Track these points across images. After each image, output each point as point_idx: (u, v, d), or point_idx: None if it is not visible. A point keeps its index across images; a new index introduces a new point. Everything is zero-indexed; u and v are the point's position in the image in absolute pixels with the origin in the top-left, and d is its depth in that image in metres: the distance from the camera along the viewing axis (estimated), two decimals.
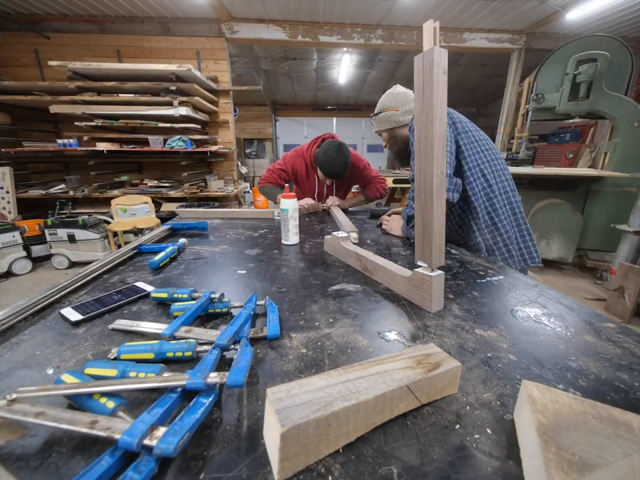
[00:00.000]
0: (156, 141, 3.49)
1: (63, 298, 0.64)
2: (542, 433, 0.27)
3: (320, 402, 0.30)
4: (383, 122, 1.18)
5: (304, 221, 1.42)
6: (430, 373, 0.35)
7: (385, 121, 1.17)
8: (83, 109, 3.25)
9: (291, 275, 0.77)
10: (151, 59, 3.81)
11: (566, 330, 0.53)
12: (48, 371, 0.42)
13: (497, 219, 1.02)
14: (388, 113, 1.15)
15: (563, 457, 0.25)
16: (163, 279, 0.75)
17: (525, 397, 0.32)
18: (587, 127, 4.56)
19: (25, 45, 3.70)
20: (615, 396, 0.38)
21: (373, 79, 6.75)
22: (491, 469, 0.29)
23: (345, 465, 0.30)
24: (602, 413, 0.29)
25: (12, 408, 0.32)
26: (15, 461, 0.30)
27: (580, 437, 0.27)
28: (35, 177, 3.96)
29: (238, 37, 3.97)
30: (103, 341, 0.49)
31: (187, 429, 0.30)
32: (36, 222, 3.24)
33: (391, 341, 0.50)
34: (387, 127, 1.17)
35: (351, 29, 4.08)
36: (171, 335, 0.47)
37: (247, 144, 9.00)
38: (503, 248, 1.03)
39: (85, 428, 0.30)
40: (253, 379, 0.41)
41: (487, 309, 0.61)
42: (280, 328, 0.51)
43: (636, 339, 0.51)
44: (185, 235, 1.14)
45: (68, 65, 3.07)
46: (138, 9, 3.56)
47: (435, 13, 3.78)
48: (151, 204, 3.27)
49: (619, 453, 0.25)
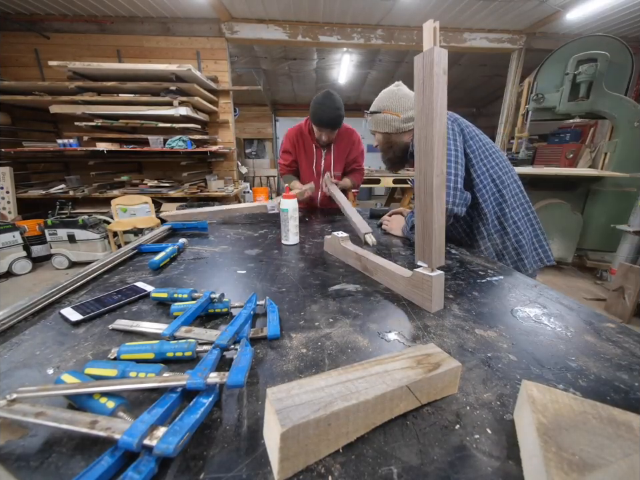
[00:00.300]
0: (156, 141, 3.49)
1: (63, 298, 0.64)
2: (542, 433, 0.27)
3: (320, 402, 0.30)
4: (380, 124, 1.10)
5: (304, 221, 1.42)
6: (430, 373, 0.35)
7: (382, 124, 1.09)
8: (82, 109, 3.25)
9: (290, 275, 0.77)
10: (151, 59, 3.81)
11: (566, 330, 0.53)
12: (48, 371, 0.42)
13: (506, 223, 1.00)
14: (388, 116, 1.06)
15: (563, 457, 0.25)
16: (163, 279, 0.75)
17: (525, 397, 0.32)
18: (586, 127, 4.56)
19: (25, 45, 3.70)
20: (615, 396, 0.38)
21: (373, 78, 6.75)
22: (491, 469, 0.29)
23: (345, 465, 0.30)
24: (602, 413, 0.29)
25: (12, 408, 0.32)
26: (15, 461, 0.30)
27: (580, 437, 0.27)
28: (35, 177, 3.96)
29: (238, 37, 3.97)
30: (103, 341, 0.49)
31: (187, 429, 0.30)
32: (36, 222, 3.24)
33: (391, 341, 0.50)
34: (384, 130, 1.10)
35: (351, 29, 4.08)
36: (171, 335, 0.47)
37: (247, 144, 8.99)
38: (513, 252, 1.02)
39: (85, 428, 0.30)
40: (253, 379, 0.41)
41: (487, 309, 0.60)
42: (280, 328, 0.51)
43: (636, 339, 0.51)
44: (185, 235, 1.14)
45: (68, 65, 3.07)
46: (138, 9, 3.56)
47: (435, 13, 3.78)
48: (151, 204, 3.27)
49: (618, 453, 0.25)
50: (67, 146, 3.49)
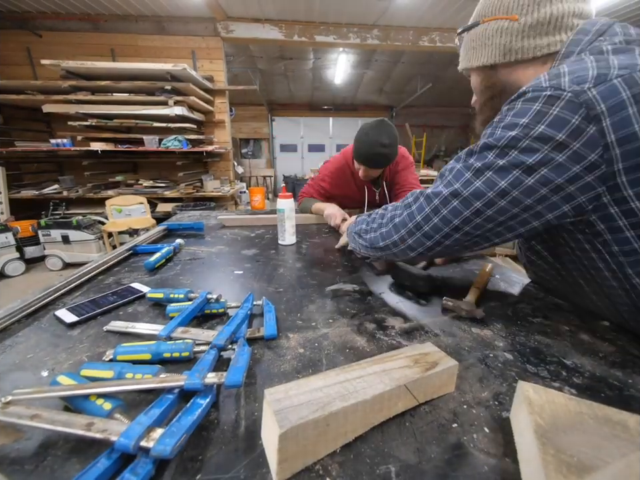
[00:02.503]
0: (151, 140, 3.46)
1: (58, 299, 0.63)
2: (540, 434, 0.27)
3: (318, 402, 0.30)
4: (478, 48, 0.58)
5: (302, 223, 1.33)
6: (427, 372, 0.36)
7: (480, 46, 0.57)
8: (76, 109, 3.21)
9: (287, 275, 0.77)
10: (145, 58, 3.77)
11: (561, 328, 0.54)
12: (43, 373, 0.42)
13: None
14: (493, 25, 0.55)
15: (561, 459, 0.25)
16: (158, 279, 0.74)
17: (522, 398, 0.32)
18: None
19: (17, 44, 3.64)
20: (609, 393, 0.39)
21: (369, 79, 6.76)
22: (488, 467, 0.30)
23: (343, 465, 0.30)
24: (598, 413, 0.29)
25: (6, 410, 0.31)
26: (9, 465, 0.30)
27: (577, 438, 0.27)
28: (27, 178, 3.90)
29: (234, 37, 3.95)
30: (98, 343, 0.49)
31: (184, 430, 0.30)
32: (29, 223, 3.20)
33: (389, 340, 0.50)
34: (483, 60, 0.57)
35: (347, 29, 4.08)
36: (167, 335, 0.46)
37: (243, 144, 8.96)
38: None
39: (81, 430, 0.30)
40: (251, 379, 0.41)
41: (483, 307, 0.61)
42: (277, 328, 0.51)
43: (629, 336, 0.51)
44: (181, 236, 1.13)
45: (61, 64, 3.03)
46: (132, 7, 3.53)
47: (431, 14, 3.79)
48: (146, 204, 3.25)
49: (615, 454, 0.25)
50: (60, 146, 3.45)
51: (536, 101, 0.43)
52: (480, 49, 0.57)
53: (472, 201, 0.47)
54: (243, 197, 6.17)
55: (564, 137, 0.41)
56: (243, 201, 6.03)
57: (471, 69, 0.62)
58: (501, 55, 0.55)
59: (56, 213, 3.42)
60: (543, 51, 0.52)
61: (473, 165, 0.48)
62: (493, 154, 0.46)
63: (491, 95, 0.61)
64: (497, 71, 0.57)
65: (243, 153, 8.98)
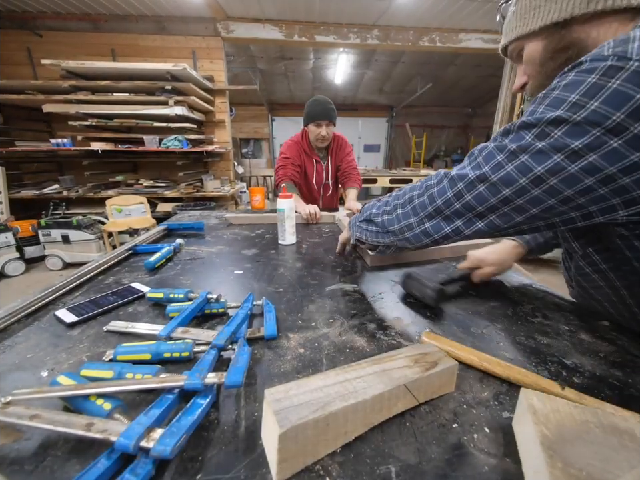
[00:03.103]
0: (151, 140, 3.45)
1: (58, 299, 0.63)
2: (546, 447, 0.26)
3: (318, 402, 0.30)
4: (530, 7, 0.47)
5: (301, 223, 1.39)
6: (427, 372, 0.36)
7: (534, 5, 0.47)
8: (76, 108, 3.21)
9: (288, 274, 0.77)
10: (146, 58, 3.77)
11: (561, 328, 0.54)
12: (42, 373, 0.42)
13: None
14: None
15: (570, 474, 0.24)
16: (158, 279, 0.74)
17: (526, 406, 0.31)
18: None
19: (17, 43, 3.64)
20: (609, 393, 0.39)
21: (369, 79, 6.76)
22: (488, 467, 0.30)
23: (343, 465, 0.30)
24: (603, 421, 0.29)
25: (6, 411, 0.31)
26: (9, 465, 0.29)
27: (585, 450, 0.26)
28: (27, 177, 3.91)
29: (234, 36, 3.95)
30: (98, 343, 0.49)
31: (184, 430, 0.30)
32: (29, 223, 3.19)
33: (388, 340, 0.50)
34: (543, 20, 0.46)
35: (347, 29, 4.08)
36: (167, 335, 0.46)
37: (244, 144, 8.96)
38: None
39: (81, 430, 0.29)
40: (251, 379, 0.41)
41: (483, 307, 0.61)
42: (277, 328, 0.51)
43: (629, 336, 0.51)
44: (181, 236, 1.13)
45: (61, 64, 3.03)
46: (133, 7, 3.53)
47: (431, 14, 3.79)
48: (147, 204, 3.25)
49: (625, 466, 0.24)
50: (60, 145, 3.45)
51: (592, 72, 0.35)
52: (548, 3, 0.45)
53: (500, 187, 0.41)
54: (243, 196, 6.17)
55: (623, 117, 0.33)
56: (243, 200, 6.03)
57: (528, 36, 0.48)
58: (583, 2, 0.42)
59: (56, 212, 3.42)
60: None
61: (507, 146, 0.41)
62: (532, 134, 0.39)
63: (560, 62, 0.47)
64: (571, 29, 0.45)
65: (243, 153, 8.97)
